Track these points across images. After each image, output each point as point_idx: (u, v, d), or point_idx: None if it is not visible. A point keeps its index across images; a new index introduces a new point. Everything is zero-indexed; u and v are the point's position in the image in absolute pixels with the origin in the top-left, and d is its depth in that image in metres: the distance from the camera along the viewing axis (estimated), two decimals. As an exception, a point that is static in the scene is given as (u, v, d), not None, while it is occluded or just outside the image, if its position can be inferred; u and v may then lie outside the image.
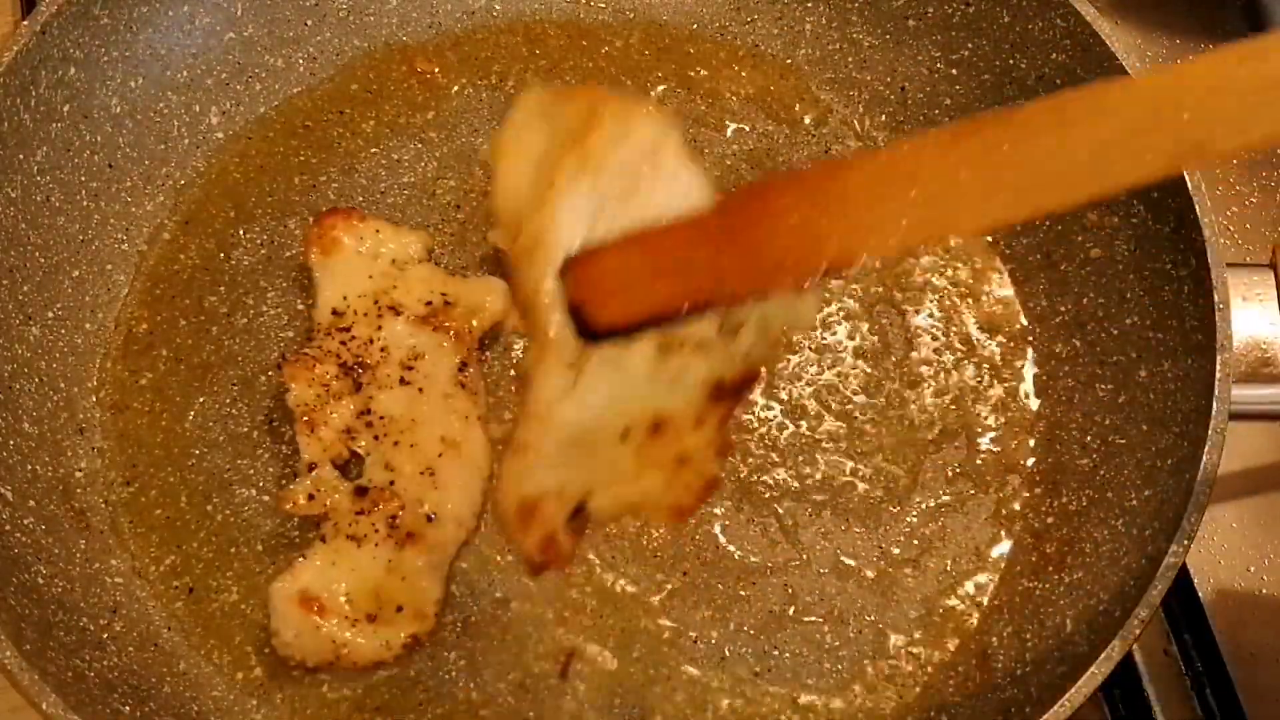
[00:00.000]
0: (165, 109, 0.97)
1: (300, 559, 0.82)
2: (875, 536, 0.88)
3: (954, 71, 1.00)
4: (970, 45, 0.98)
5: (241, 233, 0.96)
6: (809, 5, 1.04)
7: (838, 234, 0.59)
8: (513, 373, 0.92)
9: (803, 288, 0.62)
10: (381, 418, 0.85)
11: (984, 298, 0.96)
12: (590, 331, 0.66)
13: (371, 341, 0.87)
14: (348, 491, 0.84)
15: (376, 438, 0.85)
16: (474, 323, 0.89)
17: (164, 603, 0.85)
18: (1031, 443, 0.91)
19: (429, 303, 0.89)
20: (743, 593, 0.86)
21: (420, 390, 0.86)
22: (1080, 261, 0.94)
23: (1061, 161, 0.55)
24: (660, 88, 1.03)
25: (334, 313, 0.89)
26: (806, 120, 1.02)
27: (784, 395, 0.92)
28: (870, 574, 0.87)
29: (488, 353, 0.92)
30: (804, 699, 0.83)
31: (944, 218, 0.58)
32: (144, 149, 0.96)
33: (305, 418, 0.85)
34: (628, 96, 0.70)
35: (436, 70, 1.03)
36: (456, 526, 0.84)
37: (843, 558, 0.87)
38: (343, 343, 0.87)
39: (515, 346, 0.93)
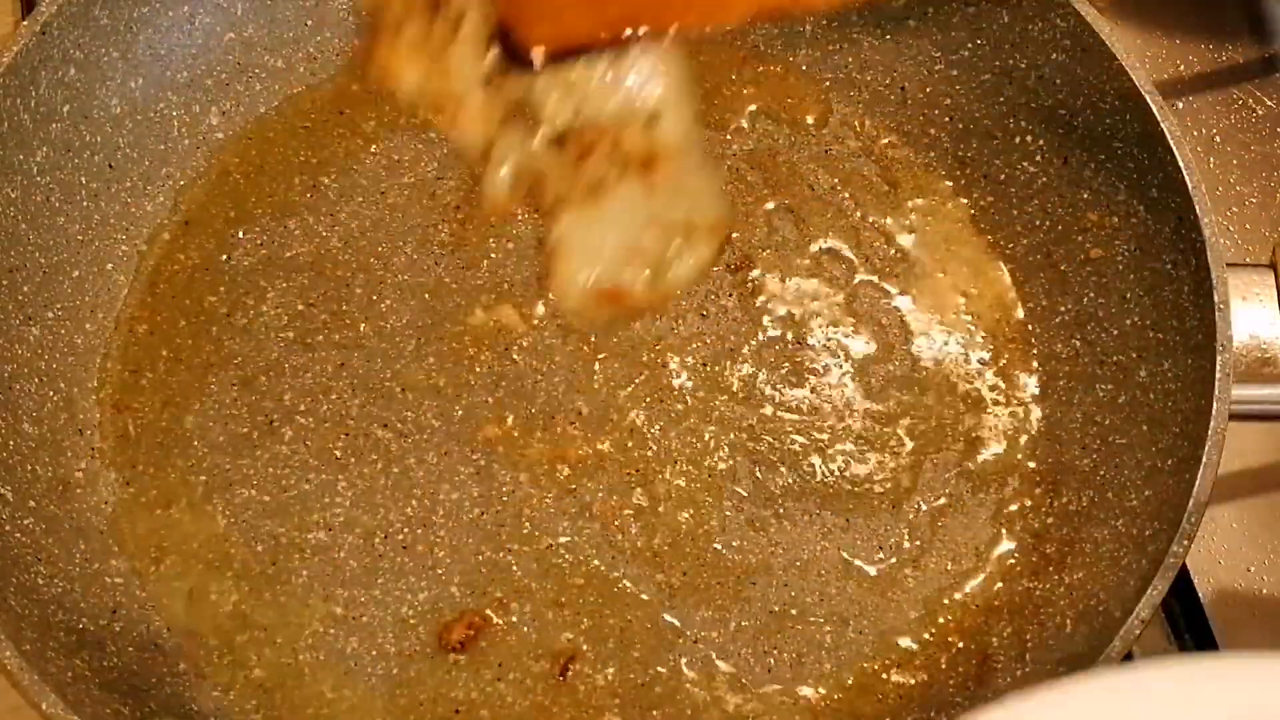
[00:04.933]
0: (165, 109, 0.97)
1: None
2: (875, 536, 0.88)
3: (954, 72, 1.00)
4: (970, 45, 0.98)
5: (241, 233, 0.96)
6: (809, 5, 1.04)
7: None
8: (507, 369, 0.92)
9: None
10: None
11: (984, 298, 0.96)
12: (517, 55, 0.66)
13: None
14: (543, 150, 0.69)
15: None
16: None
17: (164, 603, 0.85)
18: (1032, 443, 0.92)
19: None
20: (743, 593, 0.86)
21: None
22: (1080, 261, 0.94)
23: None
24: (660, 88, 1.03)
25: None
26: (808, 120, 1.02)
27: (784, 396, 0.92)
28: (870, 574, 0.87)
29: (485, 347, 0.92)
30: (804, 699, 0.83)
31: None
32: (144, 149, 0.96)
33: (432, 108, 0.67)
34: None
35: (437, 70, 1.03)
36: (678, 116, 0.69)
37: (843, 557, 0.87)
38: None
39: (513, 348, 0.93)
